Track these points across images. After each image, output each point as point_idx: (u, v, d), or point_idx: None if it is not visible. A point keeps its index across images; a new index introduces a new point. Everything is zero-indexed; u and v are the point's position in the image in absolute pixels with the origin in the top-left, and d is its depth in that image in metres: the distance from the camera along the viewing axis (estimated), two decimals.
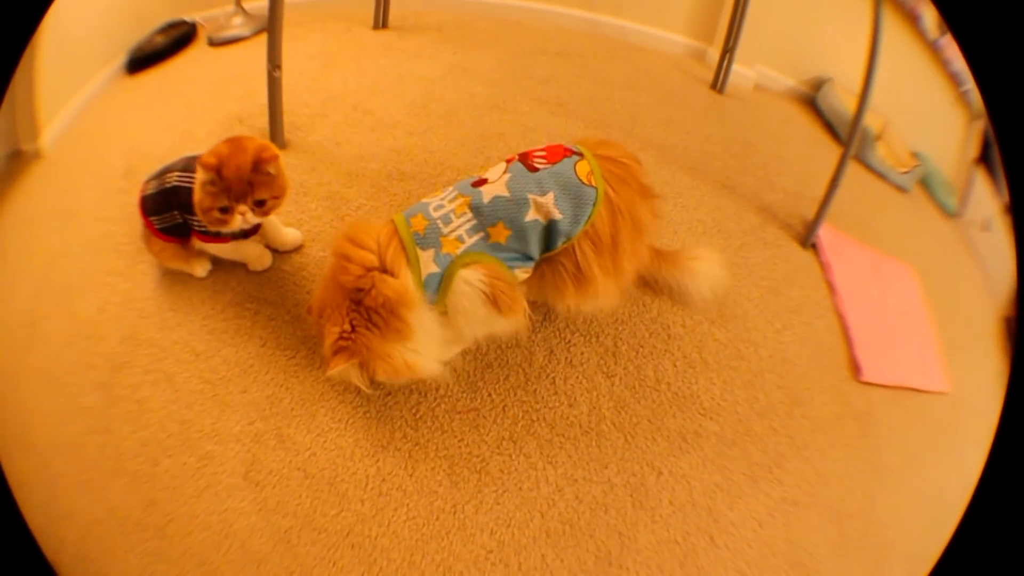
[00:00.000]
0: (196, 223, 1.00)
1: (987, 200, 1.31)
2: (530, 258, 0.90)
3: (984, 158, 1.33)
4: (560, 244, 0.89)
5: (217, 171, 0.91)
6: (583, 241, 0.89)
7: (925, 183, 1.41)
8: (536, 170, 0.88)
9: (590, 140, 0.95)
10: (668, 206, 1.25)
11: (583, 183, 0.87)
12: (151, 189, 1.03)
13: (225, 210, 0.95)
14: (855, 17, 1.21)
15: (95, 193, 1.26)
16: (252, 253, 1.10)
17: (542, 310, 1.08)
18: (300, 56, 1.50)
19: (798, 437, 1.00)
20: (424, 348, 0.88)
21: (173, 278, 1.11)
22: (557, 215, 0.86)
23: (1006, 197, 1.17)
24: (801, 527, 0.93)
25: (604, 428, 0.96)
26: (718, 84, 1.52)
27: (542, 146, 0.93)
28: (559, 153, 0.90)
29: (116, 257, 1.15)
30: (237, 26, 1.60)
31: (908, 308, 1.26)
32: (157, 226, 1.03)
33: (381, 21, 1.64)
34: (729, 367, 1.05)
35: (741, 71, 1.51)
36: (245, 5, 1.58)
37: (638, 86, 1.51)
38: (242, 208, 0.95)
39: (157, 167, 1.06)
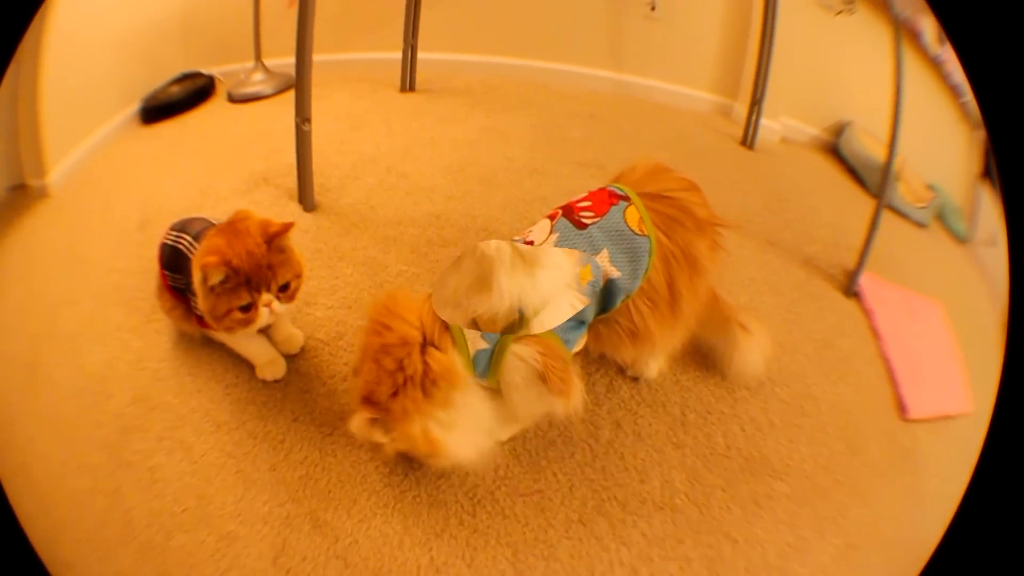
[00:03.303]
0: (195, 304, 0.88)
1: (993, 215, 1.33)
2: (583, 323, 0.85)
3: (986, 171, 1.35)
4: (620, 302, 0.84)
5: (228, 263, 0.80)
6: (637, 298, 0.85)
7: (938, 212, 1.43)
8: (584, 226, 0.83)
9: (641, 167, 0.91)
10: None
11: (635, 233, 0.83)
12: (170, 239, 0.95)
13: (247, 308, 0.84)
14: (869, 56, 1.28)
15: (107, 242, 1.20)
16: (262, 354, 0.96)
17: (604, 380, 1.03)
18: (327, 117, 1.48)
19: (859, 485, 0.98)
20: (461, 427, 0.81)
21: (193, 339, 1.03)
22: (615, 273, 0.81)
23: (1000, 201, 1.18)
24: (862, 568, 0.90)
25: (678, 502, 0.89)
26: (748, 140, 1.55)
27: (585, 194, 0.88)
28: (604, 202, 0.85)
29: (128, 312, 1.08)
30: (258, 82, 1.59)
31: (939, 342, 1.27)
32: (171, 283, 0.95)
33: (408, 84, 1.65)
34: (794, 425, 1.02)
35: (767, 124, 1.55)
36: (265, 61, 1.57)
37: (672, 146, 1.54)
38: (266, 298, 0.84)
39: (174, 222, 0.99)
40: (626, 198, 0.85)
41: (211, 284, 0.82)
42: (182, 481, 0.88)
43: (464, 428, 0.81)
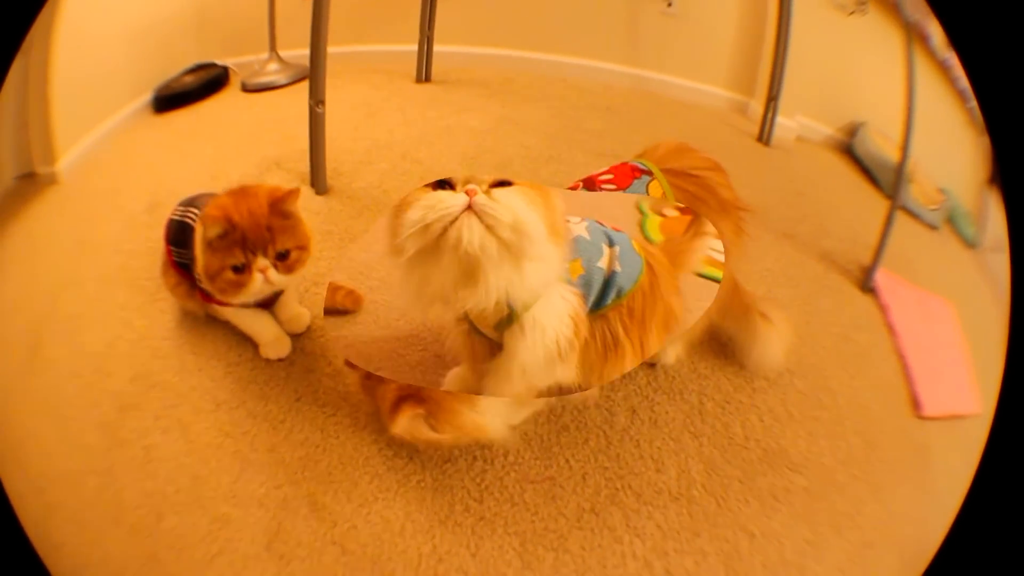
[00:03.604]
0: (199, 277, 0.88)
1: (1000, 220, 1.31)
2: None
3: (993, 177, 1.33)
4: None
5: (227, 219, 0.79)
6: None
7: (949, 216, 1.42)
8: None
9: (664, 146, 0.90)
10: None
11: None
12: (177, 214, 0.95)
13: (240, 268, 0.81)
14: (880, 58, 1.28)
15: (115, 225, 1.18)
16: (267, 332, 0.93)
17: None
18: (342, 105, 1.47)
19: (874, 480, 0.95)
20: (492, 409, 0.80)
21: (197, 319, 1.00)
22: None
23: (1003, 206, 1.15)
24: (877, 567, 0.88)
25: (695, 493, 0.86)
26: (764, 136, 1.53)
27: (607, 167, 0.87)
28: (627, 175, 0.84)
29: (133, 292, 1.05)
30: (272, 72, 1.58)
31: (951, 341, 1.26)
32: (176, 258, 0.93)
33: (424, 75, 1.64)
34: (812, 418, 0.99)
35: (783, 122, 1.53)
36: (280, 52, 1.57)
37: (689, 140, 1.48)
38: (262, 263, 0.81)
39: (183, 198, 0.99)
40: (649, 173, 0.84)
41: (209, 238, 0.80)
42: (177, 461, 0.85)
43: (497, 407, 0.81)
